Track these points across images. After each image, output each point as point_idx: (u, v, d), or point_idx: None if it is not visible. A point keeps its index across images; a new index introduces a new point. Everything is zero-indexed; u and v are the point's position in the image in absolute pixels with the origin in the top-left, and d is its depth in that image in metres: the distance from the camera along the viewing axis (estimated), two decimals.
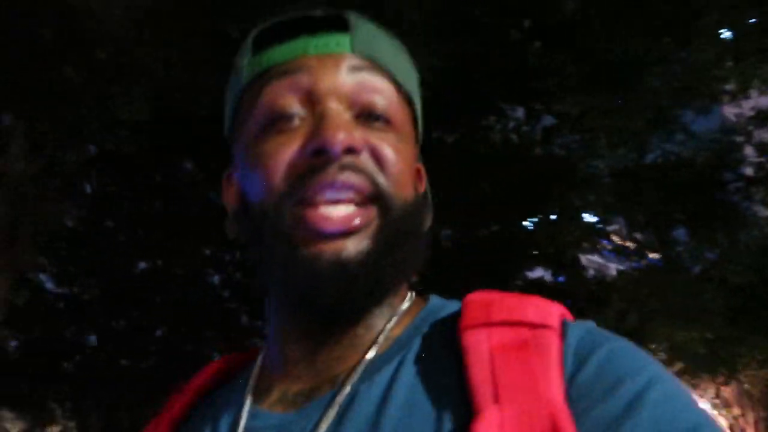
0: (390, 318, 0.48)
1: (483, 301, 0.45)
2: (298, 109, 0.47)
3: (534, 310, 0.43)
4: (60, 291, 8.24)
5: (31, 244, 4.87)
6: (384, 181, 0.46)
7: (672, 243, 5.62)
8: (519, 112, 7.03)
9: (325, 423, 0.42)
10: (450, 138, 7.11)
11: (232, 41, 4.16)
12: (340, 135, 0.43)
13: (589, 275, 8.05)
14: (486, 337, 0.41)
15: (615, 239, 7.13)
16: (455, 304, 0.49)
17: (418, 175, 0.55)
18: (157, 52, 4.07)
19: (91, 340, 8.38)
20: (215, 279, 7.69)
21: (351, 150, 0.44)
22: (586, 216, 6.49)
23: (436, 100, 6.68)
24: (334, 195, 0.44)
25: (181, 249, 6.94)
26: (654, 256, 6.57)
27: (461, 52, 5.83)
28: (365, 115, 0.47)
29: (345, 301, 0.44)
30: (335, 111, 0.45)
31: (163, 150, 5.99)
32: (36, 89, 4.65)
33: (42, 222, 4.97)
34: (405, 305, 0.51)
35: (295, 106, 0.47)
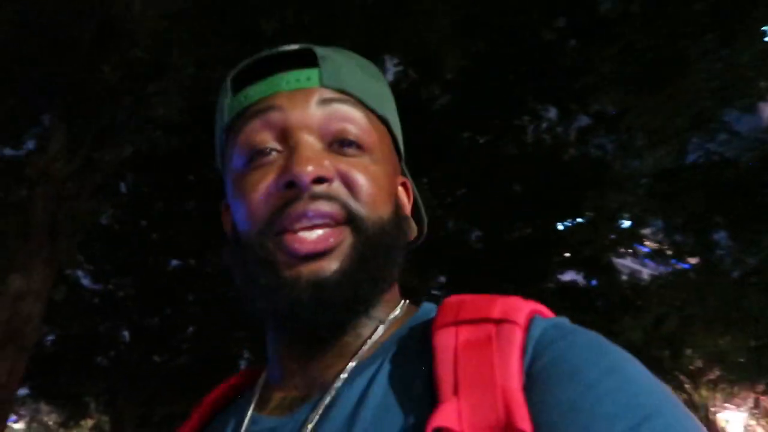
0: (377, 326, 0.51)
1: (456, 302, 0.47)
2: (274, 144, 0.50)
3: (500, 307, 0.44)
4: (96, 288, 8.44)
5: (70, 241, 4.99)
6: (355, 206, 0.49)
7: (712, 246, 5.46)
8: (552, 112, 6.93)
9: (311, 424, 0.45)
10: (482, 139, 7.06)
11: (264, 37, 4.18)
12: (308, 167, 0.47)
13: (623, 279, 7.89)
14: (453, 335, 0.43)
15: (649, 243, 6.96)
16: None
17: (405, 189, 0.59)
18: (190, 51, 4.12)
19: (125, 336, 8.56)
20: None
21: (320, 180, 0.47)
22: (621, 219, 6.36)
23: (467, 100, 6.64)
24: (308, 223, 0.47)
25: (213, 248, 7.04)
26: (692, 260, 6.39)
27: (493, 52, 5.77)
28: (338, 143, 0.50)
29: (324, 317, 0.47)
30: (306, 143, 0.49)
31: (196, 150, 6.08)
32: (75, 90, 4.76)
33: (79, 220, 5.09)
34: (395, 314, 0.53)
35: (271, 141, 0.50)
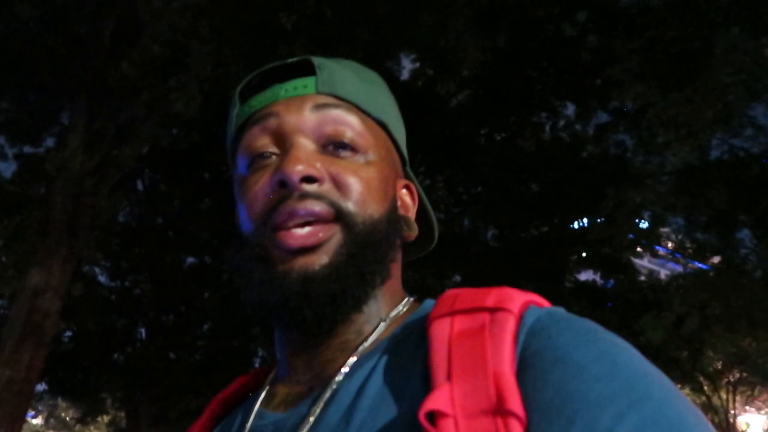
0: (379, 323, 0.53)
1: (452, 295, 0.48)
2: (272, 148, 0.53)
3: (495, 296, 0.45)
4: (113, 284, 8.50)
5: (88, 237, 5.01)
6: (345, 204, 0.51)
7: (736, 245, 5.35)
8: (570, 109, 6.84)
9: (312, 417, 0.47)
10: (498, 136, 6.99)
11: (283, 33, 4.15)
12: (298, 167, 0.49)
13: (641, 278, 7.77)
14: (448, 325, 0.44)
15: (667, 244, 6.84)
16: None
17: (409, 192, 0.60)
18: (210, 47, 4.11)
19: (142, 332, 8.61)
20: None
21: (310, 179, 0.50)
22: (640, 218, 6.25)
23: (484, 97, 6.56)
24: (300, 220, 0.49)
25: (229, 246, 7.04)
26: (712, 259, 6.27)
27: (513, 47, 5.71)
28: (332, 146, 0.53)
29: (311, 310, 0.49)
30: (300, 145, 0.52)
31: (213, 147, 6.09)
32: (94, 86, 4.79)
33: (97, 216, 5.11)
34: (398, 310, 0.55)
35: (270, 145, 0.53)
